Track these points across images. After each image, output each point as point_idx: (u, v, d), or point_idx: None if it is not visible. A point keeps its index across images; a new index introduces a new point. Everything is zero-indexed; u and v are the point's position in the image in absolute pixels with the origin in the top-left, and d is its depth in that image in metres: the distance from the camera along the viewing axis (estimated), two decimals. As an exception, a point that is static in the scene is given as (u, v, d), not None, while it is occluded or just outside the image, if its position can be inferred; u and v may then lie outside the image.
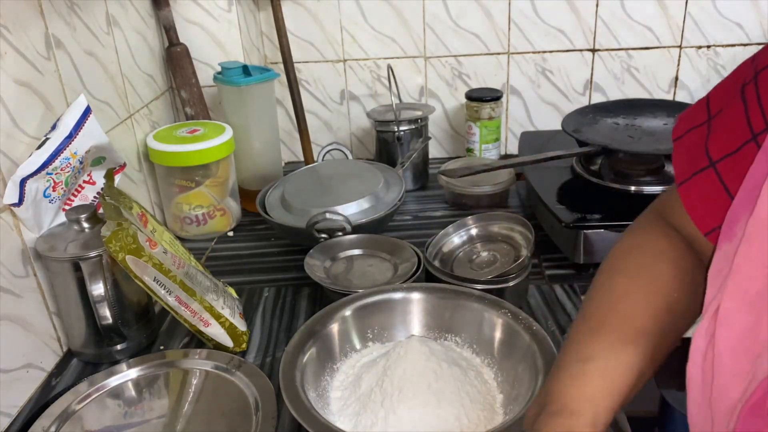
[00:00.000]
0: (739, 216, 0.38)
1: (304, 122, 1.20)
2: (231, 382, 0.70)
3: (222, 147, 1.00)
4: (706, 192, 0.46)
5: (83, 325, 0.74)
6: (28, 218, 0.71)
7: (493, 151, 1.24)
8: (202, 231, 1.05)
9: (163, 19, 1.08)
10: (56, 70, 0.77)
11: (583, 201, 0.92)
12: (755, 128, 0.42)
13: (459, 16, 1.23)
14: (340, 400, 0.65)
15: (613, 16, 1.21)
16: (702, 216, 0.46)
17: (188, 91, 1.11)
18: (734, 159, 0.43)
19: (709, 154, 0.45)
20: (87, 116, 0.76)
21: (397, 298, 0.74)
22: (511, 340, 0.68)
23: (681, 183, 0.48)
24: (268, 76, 1.09)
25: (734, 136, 0.43)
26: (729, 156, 0.43)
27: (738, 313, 0.35)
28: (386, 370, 0.64)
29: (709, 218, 0.46)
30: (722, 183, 0.44)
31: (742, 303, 0.35)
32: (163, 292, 0.72)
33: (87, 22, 0.86)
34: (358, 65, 1.28)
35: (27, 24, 0.72)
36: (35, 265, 0.73)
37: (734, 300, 0.35)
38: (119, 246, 0.68)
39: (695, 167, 0.46)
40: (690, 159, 0.47)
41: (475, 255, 0.89)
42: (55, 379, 0.74)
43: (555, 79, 1.28)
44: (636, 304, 0.48)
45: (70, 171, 0.75)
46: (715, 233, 0.43)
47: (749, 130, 0.42)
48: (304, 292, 0.89)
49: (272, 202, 1.02)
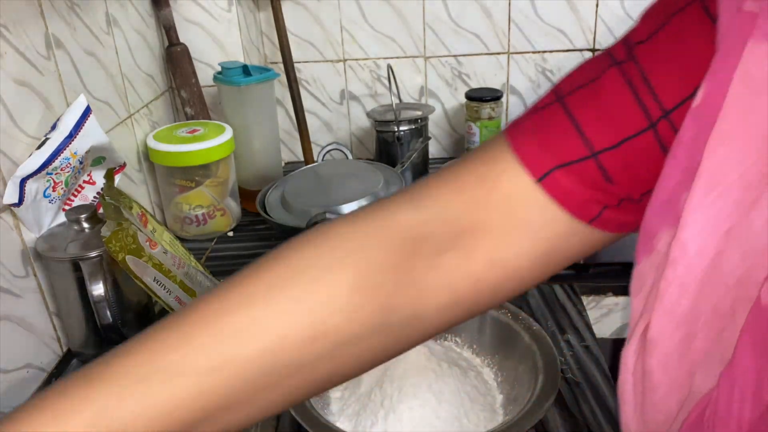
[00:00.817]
0: (655, 229, 0.34)
1: (304, 122, 1.20)
2: (231, 382, 0.70)
3: (222, 147, 1.00)
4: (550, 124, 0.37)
5: (83, 325, 0.74)
6: (28, 218, 0.71)
7: (493, 151, 1.24)
8: (202, 231, 1.05)
9: (163, 19, 1.08)
10: (56, 70, 0.77)
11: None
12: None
13: (459, 16, 1.23)
14: (340, 400, 0.65)
15: (613, 16, 1.21)
16: (535, 154, 0.36)
17: (188, 91, 1.11)
18: (585, 91, 0.37)
19: (557, 91, 0.38)
20: (87, 116, 0.76)
21: (397, 298, 0.74)
22: (511, 340, 0.68)
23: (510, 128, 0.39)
24: (268, 76, 1.09)
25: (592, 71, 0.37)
26: (581, 88, 0.37)
27: (669, 332, 0.33)
28: (386, 370, 0.64)
29: (546, 159, 0.36)
30: (570, 116, 0.36)
31: (672, 322, 0.33)
32: (163, 292, 0.72)
33: (87, 22, 0.86)
34: (358, 65, 1.28)
35: (27, 24, 0.72)
36: (35, 265, 0.73)
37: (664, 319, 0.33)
38: (119, 246, 0.68)
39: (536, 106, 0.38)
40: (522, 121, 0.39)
41: (475, 255, 0.89)
42: (55, 379, 0.74)
43: (555, 79, 1.27)
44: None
45: (70, 171, 0.75)
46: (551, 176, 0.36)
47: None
48: (304, 292, 0.89)
49: (272, 202, 1.02)
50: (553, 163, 0.36)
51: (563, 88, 0.38)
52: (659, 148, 0.35)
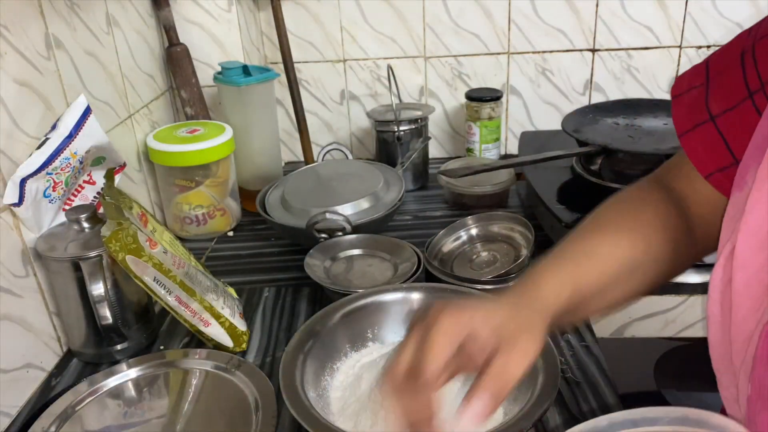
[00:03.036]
0: (748, 166, 0.41)
1: (304, 122, 1.20)
2: (231, 382, 0.70)
3: (222, 147, 1.00)
4: (706, 141, 0.51)
5: (83, 325, 0.74)
6: (28, 218, 0.71)
7: (493, 151, 1.24)
8: (202, 231, 1.05)
9: (163, 19, 1.08)
10: (56, 70, 0.77)
11: (583, 201, 0.92)
12: (751, 87, 0.47)
13: (459, 16, 1.23)
14: (340, 400, 0.65)
15: (613, 16, 1.21)
16: (702, 160, 0.52)
17: (188, 91, 1.11)
18: (732, 115, 0.49)
19: (709, 109, 0.50)
20: (87, 116, 0.76)
21: (397, 298, 0.74)
22: (511, 340, 0.68)
23: (682, 134, 0.53)
24: (268, 76, 1.09)
25: (732, 94, 0.49)
26: (727, 111, 0.49)
27: (751, 252, 0.38)
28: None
29: (709, 162, 0.51)
30: (721, 135, 0.50)
31: (755, 242, 0.38)
32: (163, 292, 0.72)
33: (87, 22, 0.86)
34: (358, 65, 1.28)
35: (27, 24, 0.72)
36: (35, 265, 0.73)
37: (747, 240, 0.39)
38: (119, 246, 0.68)
39: (696, 120, 0.52)
40: (690, 113, 0.53)
41: (475, 255, 0.89)
42: (55, 379, 0.74)
43: (555, 79, 1.28)
44: (615, 236, 0.55)
45: (70, 171, 0.75)
46: (714, 176, 0.51)
47: (746, 89, 0.47)
48: (304, 292, 0.89)
49: (272, 202, 1.02)
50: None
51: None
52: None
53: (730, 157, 0.50)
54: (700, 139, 0.52)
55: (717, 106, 0.50)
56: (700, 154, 0.52)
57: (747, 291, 0.39)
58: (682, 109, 0.54)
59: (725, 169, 0.50)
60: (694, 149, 0.53)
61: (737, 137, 0.48)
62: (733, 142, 0.49)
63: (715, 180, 0.51)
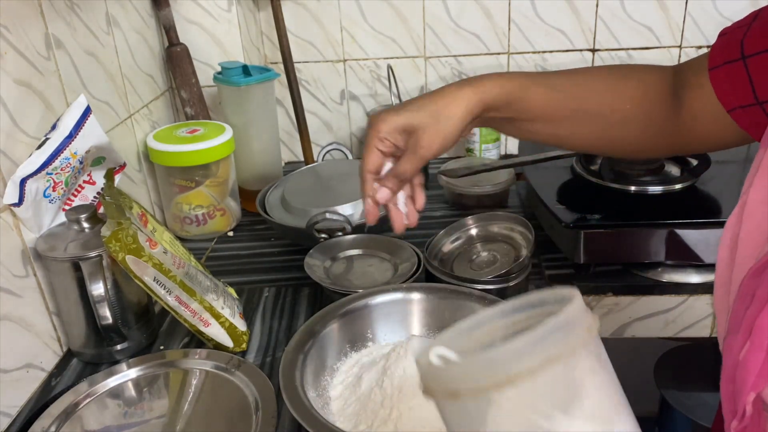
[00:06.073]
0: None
1: (304, 122, 1.20)
2: (231, 382, 0.70)
3: (222, 147, 1.00)
4: (733, 78, 0.53)
5: (83, 325, 0.74)
6: (28, 218, 0.71)
7: (493, 151, 1.24)
8: (202, 231, 1.05)
9: (163, 19, 1.08)
10: (56, 70, 0.77)
11: (583, 201, 0.92)
12: None
13: (459, 16, 1.23)
14: (340, 400, 0.65)
15: (613, 15, 1.21)
16: (727, 94, 0.54)
17: (188, 91, 1.11)
18: (764, 57, 0.50)
19: (743, 48, 0.52)
20: (87, 116, 0.76)
21: (397, 298, 0.74)
22: (511, 340, 0.68)
23: (712, 68, 0.56)
24: (268, 76, 1.09)
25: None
26: (759, 54, 0.51)
27: (760, 203, 0.42)
28: (386, 370, 0.64)
29: (732, 97, 0.54)
30: (748, 75, 0.52)
31: (764, 195, 0.42)
32: (163, 292, 0.72)
33: (87, 22, 0.86)
34: (358, 65, 1.28)
35: (27, 24, 0.72)
36: (35, 265, 0.73)
37: (758, 193, 0.42)
38: (119, 246, 0.68)
39: (727, 57, 0.54)
40: (724, 49, 0.55)
41: (475, 255, 0.89)
42: (55, 379, 0.74)
43: (555, 79, 1.27)
44: (588, 82, 0.62)
45: (70, 171, 0.75)
46: (736, 112, 0.54)
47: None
48: (304, 292, 0.89)
49: (272, 202, 1.02)
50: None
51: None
52: None
53: (752, 97, 0.52)
54: (726, 75, 0.54)
55: (751, 45, 0.52)
56: (725, 88, 0.54)
57: (750, 237, 0.42)
58: (722, 45, 0.56)
59: (746, 107, 0.53)
60: (720, 84, 0.55)
61: (763, 81, 0.51)
62: (759, 85, 0.51)
63: (737, 115, 0.54)
